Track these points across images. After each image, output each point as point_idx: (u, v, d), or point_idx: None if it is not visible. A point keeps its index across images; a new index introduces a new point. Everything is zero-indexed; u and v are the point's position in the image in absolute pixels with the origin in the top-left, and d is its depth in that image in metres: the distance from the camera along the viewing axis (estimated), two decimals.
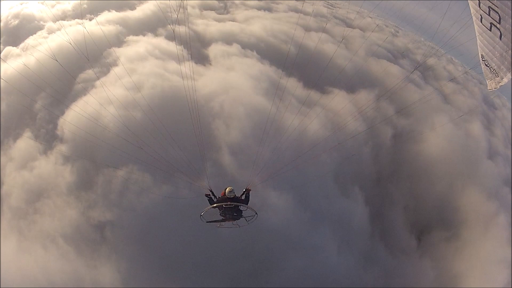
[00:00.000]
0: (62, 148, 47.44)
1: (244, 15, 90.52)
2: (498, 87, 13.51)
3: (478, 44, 13.36)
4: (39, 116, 52.45)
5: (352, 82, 61.53)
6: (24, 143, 49.68)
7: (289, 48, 65.12)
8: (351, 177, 54.49)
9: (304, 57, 64.18)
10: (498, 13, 11.77)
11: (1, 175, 47.26)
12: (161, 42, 66.92)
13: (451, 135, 62.97)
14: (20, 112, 51.96)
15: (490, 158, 66.09)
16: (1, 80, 46.46)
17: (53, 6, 79.52)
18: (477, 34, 13.13)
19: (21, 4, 76.36)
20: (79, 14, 76.45)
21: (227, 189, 18.17)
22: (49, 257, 39.15)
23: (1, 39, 68.86)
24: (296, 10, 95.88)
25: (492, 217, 53.00)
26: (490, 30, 12.41)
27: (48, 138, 50.19)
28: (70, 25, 70.67)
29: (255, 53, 67.19)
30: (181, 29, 69.02)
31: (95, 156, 43.98)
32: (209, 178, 20.16)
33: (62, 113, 48.13)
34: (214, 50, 69.20)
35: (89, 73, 53.92)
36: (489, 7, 11.92)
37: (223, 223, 19.26)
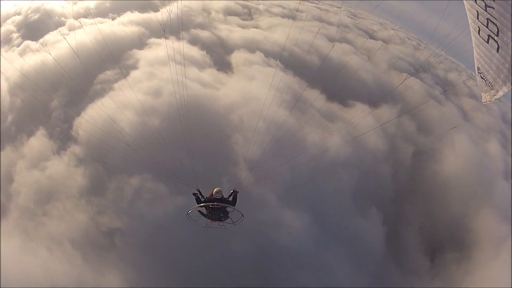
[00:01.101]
0: (75, 149, 46.23)
1: (268, 22, 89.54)
2: (493, 100, 13.32)
3: (474, 56, 13.17)
4: (55, 114, 51.46)
5: (375, 96, 59.98)
6: (37, 141, 48.82)
7: (308, 57, 63.95)
8: (369, 195, 53.01)
9: (327, 68, 63.69)
10: (496, 25, 11.65)
11: (12, 172, 46.48)
12: (182, 47, 65.47)
13: (469, 154, 61.38)
14: (35, 108, 51.00)
15: (506, 179, 64.25)
16: (18, 74, 45.94)
17: (75, 3, 78.55)
18: (474, 46, 13.01)
19: None
20: (102, 13, 75.76)
21: (215, 189, 17.87)
22: (54, 260, 38.02)
23: (20, 32, 68.91)
24: (320, 20, 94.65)
25: (504, 239, 51.11)
26: (488, 43, 12.27)
27: (62, 137, 49.27)
28: (92, 23, 69.62)
29: (278, 62, 65.59)
30: (205, 34, 68.16)
31: (109, 161, 42.79)
32: (197, 178, 19.59)
33: (78, 114, 46.70)
34: (236, 58, 68.19)
35: (108, 74, 52.75)
36: (487, 19, 11.80)
37: (209, 223, 18.86)
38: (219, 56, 67.94)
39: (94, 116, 36.92)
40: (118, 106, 39.19)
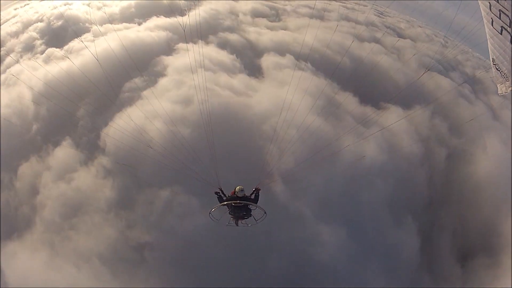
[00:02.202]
0: (103, 160, 44.80)
1: (296, 23, 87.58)
2: (509, 91, 13.27)
3: (489, 47, 13.10)
4: (81, 123, 50.04)
5: (407, 97, 58.24)
6: (63, 152, 47.53)
7: (341, 59, 62.05)
8: (405, 203, 51.11)
9: (358, 69, 61.43)
10: (508, 16, 11.72)
11: (37, 183, 45.47)
12: (212, 51, 63.88)
13: (500, 155, 58.83)
14: (61, 117, 49.38)
15: None
16: (41, 82, 44.95)
17: (99, 9, 77.39)
18: (488, 37, 12.92)
19: (65, 4, 74.60)
20: (127, 18, 74.52)
21: (237, 188, 17.96)
22: (81, 276, 36.71)
23: (44, 39, 68.19)
24: (348, 19, 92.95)
25: None
26: (501, 34, 12.28)
27: (90, 147, 47.88)
28: (118, 29, 68.47)
29: (309, 64, 63.64)
30: (233, 37, 66.51)
31: (138, 173, 41.38)
32: (219, 177, 19.42)
33: (105, 123, 45.22)
34: (266, 61, 66.17)
35: (136, 82, 51.27)
36: (499, 10, 11.83)
37: (231, 221, 19.24)
38: (249, 60, 66.11)
39: (122, 125, 35.43)
40: (147, 115, 37.37)
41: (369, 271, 42.94)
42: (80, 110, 48.83)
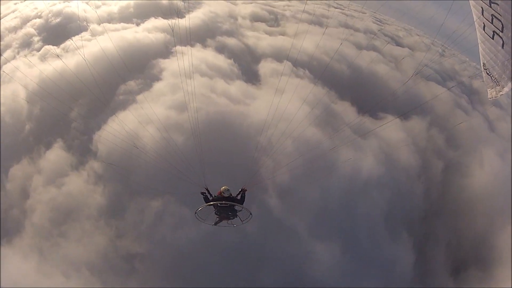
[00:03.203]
0: (94, 165, 44.06)
1: (295, 28, 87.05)
2: (499, 96, 13.40)
3: (480, 52, 13.29)
4: (74, 125, 49.28)
5: (404, 107, 57.75)
6: (55, 155, 46.81)
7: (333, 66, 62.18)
8: (401, 216, 50.70)
9: (356, 78, 62.78)
10: (501, 21, 11.76)
11: (27, 186, 44.82)
12: (209, 55, 63.21)
13: (496, 168, 58.67)
14: (54, 118, 48.58)
15: None
16: (36, 81, 43.74)
17: (98, 7, 76.67)
18: (479, 42, 13.08)
19: (64, 1, 73.92)
20: (126, 18, 73.81)
21: (223, 188, 17.88)
22: (70, 285, 35.79)
23: (41, 36, 67.54)
24: (347, 26, 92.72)
25: None
26: (493, 39, 12.37)
27: (81, 151, 47.10)
28: (115, 29, 67.87)
29: (307, 72, 63.11)
30: (231, 41, 65.87)
31: (129, 180, 40.67)
32: (205, 177, 19.23)
33: (99, 127, 44.49)
34: (264, 68, 65.64)
35: (131, 84, 50.56)
36: (492, 15, 11.92)
37: (218, 222, 19.14)
38: (247, 65, 65.56)
39: (115, 129, 34.71)
40: (140, 120, 36.62)
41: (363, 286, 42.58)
42: (74, 111, 47.99)
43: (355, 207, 45.82)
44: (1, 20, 72.33)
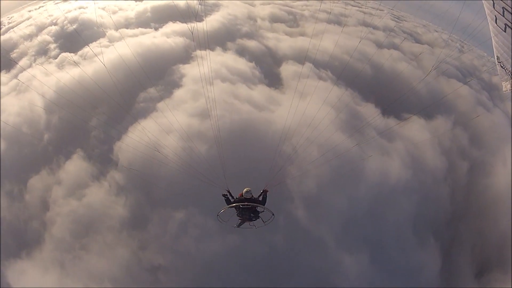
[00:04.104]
0: (116, 175, 43.03)
1: (314, 29, 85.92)
2: None
3: (493, 45, 13.12)
4: (94, 134, 48.39)
5: (428, 106, 56.70)
6: (75, 165, 45.86)
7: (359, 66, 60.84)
8: (428, 222, 49.57)
9: (379, 77, 61.51)
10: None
11: (47, 198, 43.99)
12: (229, 59, 62.07)
13: None
14: (73, 127, 47.82)
15: None
16: (53, 89, 43.72)
17: (114, 13, 75.97)
18: (492, 35, 12.93)
19: (79, 8, 73.22)
20: (143, 23, 72.98)
21: (244, 189, 18.07)
22: None
23: (58, 43, 66.98)
24: (365, 24, 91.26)
25: None
26: (505, 31, 12.25)
27: (102, 160, 46.20)
28: (133, 35, 67.11)
29: (329, 73, 61.85)
30: (252, 44, 64.71)
31: (151, 191, 39.71)
32: (227, 179, 19.41)
33: (119, 136, 43.67)
34: (286, 70, 64.41)
35: (151, 92, 49.50)
36: (503, 7, 11.82)
37: (240, 223, 19.31)
38: (269, 68, 64.42)
39: (136, 138, 33.89)
40: (162, 129, 35.55)
41: None
42: (93, 120, 47.02)
43: (383, 214, 44.77)
44: (16, 28, 72.12)
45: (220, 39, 69.44)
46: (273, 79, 61.79)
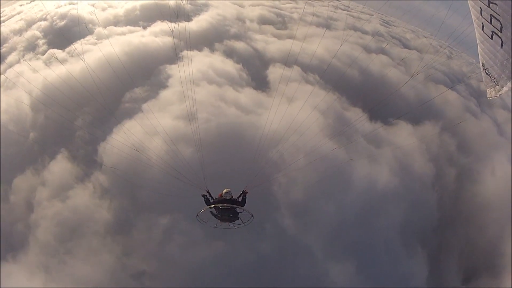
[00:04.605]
0: (100, 177, 42.72)
1: (303, 32, 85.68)
2: (498, 95, 13.47)
3: (479, 52, 13.40)
4: (78, 134, 47.99)
5: (415, 112, 57.05)
6: (59, 166, 45.33)
7: (344, 71, 60.98)
8: (415, 229, 49.32)
9: (366, 82, 61.94)
10: (499, 21, 11.88)
11: (31, 199, 43.47)
12: (217, 60, 61.80)
13: (507, 173, 57.18)
14: (58, 126, 47.45)
15: None
16: (40, 86, 42.87)
17: (104, 10, 75.47)
18: (478, 42, 13.19)
19: (69, 4, 72.65)
20: (132, 21, 72.53)
21: (224, 190, 18.34)
22: None
23: (47, 38, 66.83)
24: (355, 28, 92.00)
25: None
26: (492, 39, 12.48)
27: (86, 161, 45.79)
28: (121, 33, 66.68)
29: (317, 76, 61.77)
30: (240, 45, 64.44)
31: (136, 195, 39.42)
32: (207, 180, 19.44)
33: (104, 136, 43.05)
34: (273, 74, 64.03)
35: (137, 92, 49.19)
36: (491, 15, 12.02)
37: (219, 223, 19.19)
38: (256, 70, 64.13)
39: (120, 139, 33.56)
40: (146, 131, 35.34)
41: None
42: (79, 119, 46.55)
43: (370, 222, 44.63)
44: (6, 22, 71.50)
45: (208, 40, 69.18)
46: (260, 82, 61.60)
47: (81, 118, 46.15)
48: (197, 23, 73.29)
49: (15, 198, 43.83)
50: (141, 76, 52.80)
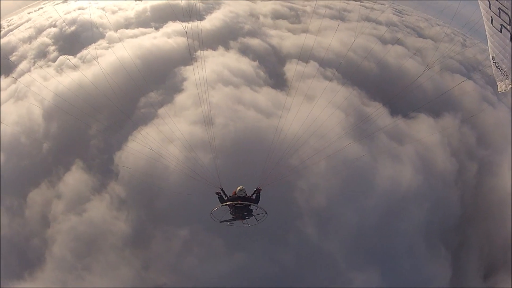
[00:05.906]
0: (116, 188, 41.61)
1: (317, 25, 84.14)
2: (509, 89, 13.34)
3: (489, 45, 13.23)
4: (93, 142, 46.80)
5: (434, 104, 55.22)
6: (74, 177, 44.19)
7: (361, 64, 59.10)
8: (438, 229, 48.28)
9: (385, 75, 61.44)
10: (508, 14, 11.86)
11: (46, 213, 42.43)
12: (232, 59, 60.25)
13: None
14: (72, 136, 46.95)
15: None
16: (51, 95, 42.19)
17: (114, 13, 74.36)
18: (487, 35, 13.02)
19: (79, 9, 71.59)
20: (143, 23, 71.31)
21: (238, 188, 18.36)
22: None
23: (57, 45, 65.60)
24: (368, 19, 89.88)
25: None
26: (501, 32, 12.39)
27: (102, 171, 44.60)
28: (133, 35, 65.53)
29: (335, 71, 60.01)
30: (255, 42, 62.87)
31: (153, 205, 38.40)
32: (220, 177, 19.53)
33: (119, 145, 42.24)
34: (290, 71, 62.26)
35: (152, 96, 47.89)
36: (499, 8, 11.98)
37: (233, 222, 19.39)
38: (273, 67, 62.77)
39: (136, 147, 32.33)
40: (163, 137, 34.22)
41: None
42: (92, 128, 45.43)
43: (393, 225, 43.50)
44: (15, 30, 70.85)
45: (222, 38, 67.73)
46: (278, 80, 60.01)
47: (95, 126, 44.83)
48: (210, 22, 71.71)
49: (30, 212, 42.76)
50: (156, 79, 51.42)
